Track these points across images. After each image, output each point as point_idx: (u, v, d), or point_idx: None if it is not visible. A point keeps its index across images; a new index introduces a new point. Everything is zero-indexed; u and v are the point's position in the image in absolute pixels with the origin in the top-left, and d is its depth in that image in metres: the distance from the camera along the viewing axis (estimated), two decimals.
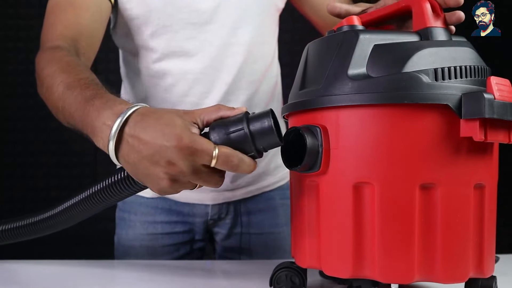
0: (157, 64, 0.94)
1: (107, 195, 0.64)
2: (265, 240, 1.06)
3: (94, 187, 0.66)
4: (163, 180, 0.56)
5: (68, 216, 0.70)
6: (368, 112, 0.54)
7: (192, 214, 1.04)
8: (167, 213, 1.04)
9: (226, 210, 1.05)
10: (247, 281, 0.77)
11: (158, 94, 0.96)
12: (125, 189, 0.63)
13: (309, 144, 0.56)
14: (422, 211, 0.53)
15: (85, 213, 0.69)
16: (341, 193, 0.56)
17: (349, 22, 0.62)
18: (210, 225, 1.06)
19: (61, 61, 0.73)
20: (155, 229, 1.03)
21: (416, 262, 0.53)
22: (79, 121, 0.62)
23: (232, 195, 1.04)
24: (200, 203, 1.03)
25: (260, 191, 1.07)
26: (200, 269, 0.89)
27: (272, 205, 1.07)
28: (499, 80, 0.54)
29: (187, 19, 0.92)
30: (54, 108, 0.69)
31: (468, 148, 0.55)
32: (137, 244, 1.04)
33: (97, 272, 0.83)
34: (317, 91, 0.59)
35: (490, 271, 0.59)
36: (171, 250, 1.04)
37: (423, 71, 0.54)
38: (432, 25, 0.60)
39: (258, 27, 0.98)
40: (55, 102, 0.68)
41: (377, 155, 0.54)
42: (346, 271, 0.56)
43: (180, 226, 1.04)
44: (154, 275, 0.83)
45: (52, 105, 0.70)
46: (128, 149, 0.56)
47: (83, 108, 0.62)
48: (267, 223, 1.07)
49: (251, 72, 0.99)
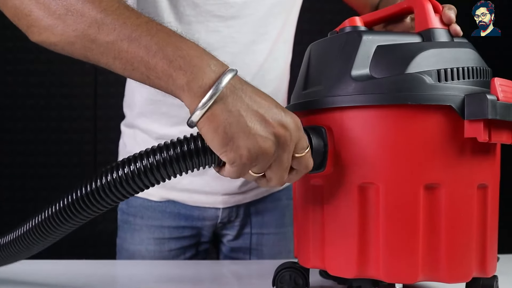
0: None
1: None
2: (271, 240, 1.06)
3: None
4: (267, 140, 0.49)
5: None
6: (372, 113, 0.55)
7: (202, 218, 1.02)
8: (174, 217, 1.01)
9: (236, 213, 1.03)
10: (252, 281, 0.77)
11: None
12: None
13: (315, 145, 0.56)
14: (426, 211, 0.54)
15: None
16: (346, 193, 0.56)
17: (352, 23, 0.62)
18: (218, 228, 1.05)
19: None
20: (163, 234, 1.01)
21: (420, 262, 0.54)
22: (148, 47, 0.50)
23: (243, 197, 1.02)
24: (211, 206, 1.01)
25: (269, 192, 1.06)
26: (207, 269, 0.89)
27: (279, 206, 1.07)
28: (503, 81, 0.55)
29: (214, 11, 0.89)
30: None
31: (471, 148, 0.55)
32: (142, 248, 1.01)
33: (100, 272, 0.83)
34: (320, 91, 0.59)
35: (492, 271, 0.59)
36: (178, 254, 1.03)
37: (426, 72, 0.54)
38: (434, 26, 0.60)
39: (283, 25, 0.97)
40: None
41: (382, 156, 0.54)
42: (351, 271, 0.56)
43: (188, 231, 1.02)
44: (160, 275, 0.83)
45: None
46: (235, 99, 0.49)
47: (167, 38, 0.51)
48: (274, 223, 1.07)
49: (272, 69, 0.97)
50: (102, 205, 0.54)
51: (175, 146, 0.52)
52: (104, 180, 0.52)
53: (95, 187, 0.53)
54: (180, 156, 0.51)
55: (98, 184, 0.53)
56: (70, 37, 0.52)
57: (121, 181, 0.52)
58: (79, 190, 0.53)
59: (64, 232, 0.58)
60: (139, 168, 0.52)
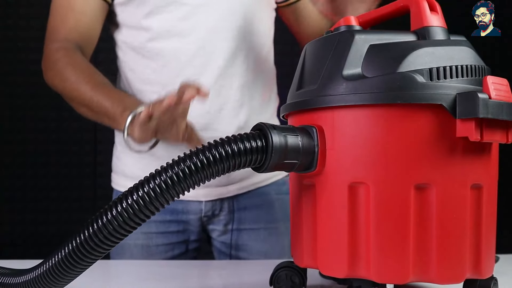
0: (150, 44, 0.97)
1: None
2: (262, 235, 1.07)
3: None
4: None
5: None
6: (363, 113, 0.54)
7: (186, 211, 1.05)
8: (160, 212, 1.04)
9: (220, 207, 1.05)
10: (244, 280, 0.77)
11: (149, 76, 1.00)
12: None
13: (305, 144, 0.56)
14: (417, 211, 0.53)
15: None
16: (337, 193, 0.56)
17: (346, 22, 0.62)
18: (204, 222, 1.07)
19: (81, 65, 0.95)
20: (149, 228, 1.04)
21: (411, 262, 0.53)
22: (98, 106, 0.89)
23: (226, 190, 1.05)
24: (194, 199, 1.04)
25: (254, 186, 1.07)
26: (195, 269, 0.90)
27: (267, 200, 1.08)
28: (496, 79, 0.54)
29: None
30: (72, 97, 0.94)
31: (464, 148, 0.54)
32: (131, 243, 1.04)
33: (92, 272, 0.83)
34: (313, 91, 0.59)
35: (488, 272, 0.59)
36: (166, 250, 1.05)
37: (418, 71, 0.54)
38: (430, 24, 0.59)
39: (252, 16, 1.00)
40: (80, 95, 0.92)
41: (372, 156, 0.54)
42: (341, 271, 0.56)
43: (174, 225, 1.05)
44: (149, 274, 0.83)
45: (70, 95, 0.94)
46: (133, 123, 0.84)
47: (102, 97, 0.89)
48: (263, 218, 1.07)
49: (245, 59, 1.01)
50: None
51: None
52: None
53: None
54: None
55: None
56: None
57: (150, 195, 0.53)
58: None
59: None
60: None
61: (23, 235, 2.45)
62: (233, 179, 1.04)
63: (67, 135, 2.46)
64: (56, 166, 2.47)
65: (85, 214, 2.38)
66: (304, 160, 0.56)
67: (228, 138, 0.54)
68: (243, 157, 0.53)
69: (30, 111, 2.45)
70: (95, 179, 2.44)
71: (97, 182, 2.43)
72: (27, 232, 2.46)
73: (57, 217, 2.45)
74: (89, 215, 0.56)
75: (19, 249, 2.43)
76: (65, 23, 0.98)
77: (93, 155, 2.44)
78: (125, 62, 1.04)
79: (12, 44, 2.46)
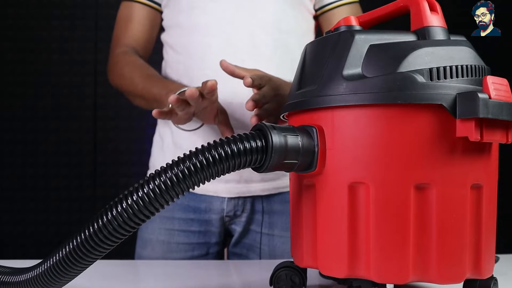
0: (182, 39, 1.08)
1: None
2: (274, 242, 1.08)
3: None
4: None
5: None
6: (363, 113, 0.54)
7: (209, 210, 1.07)
8: (184, 210, 1.07)
9: (242, 207, 1.07)
10: (244, 280, 0.77)
11: (181, 72, 1.09)
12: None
13: (305, 144, 0.56)
14: (417, 211, 0.53)
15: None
16: (337, 193, 0.56)
17: (347, 22, 0.62)
18: (226, 223, 1.08)
19: (135, 63, 1.08)
20: (172, 225, 1.08)
21: (411, 262, 0.53)
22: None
23: (247, 189, 1.05)
24: (216, 195, 1.06)
25: (276, 190, 1.08)
26: (195, 269, 0.90)
27: (286, 208, 1.07)
28: (496, 79, 0.54)
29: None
30: (129, 91, 1.07)
31: (464, 148, 0.54)
32: (154, 238, 1.09)
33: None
34: (313, 91, 0.59)
35: (488, 272, 0.59)
36: (186, 249, 1.07)
37: (418, 71, 0.54)
38: (430, 24, 0.59)
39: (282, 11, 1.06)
40: (134, 88, 1.04)
41: (372, 156, 0.54)
42: (341, 271, 0.56)
43: (196, 225, 1.07)
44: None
45: (127, 89, 1.08)
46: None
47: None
48: (279, 225, 1.08)
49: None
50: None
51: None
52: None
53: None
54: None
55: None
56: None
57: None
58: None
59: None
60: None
61: (23, 235, 2.45)
62: (254, 178, 1.05)
63: (67, 135, 2.46)
64: (56, 166, 2.47)
65: (85, 214, 2.39)
66: (304, 160, 0.57)
67: (228, 139, 0.54)
68: (243, 157, 0.54)
69: (30, 111, 2.45)
70: (95, 179, 2.44)
71: (97, 182, 2.43)
72: (27, 232, 2.46)
73: (57, 217, 2.45)
74: (89, 215, 0.56)
75: (19, 249, 2.43)
76: (125, 32, 1.14)
77: (93, 155, 2.45)
78: (166, 61, 1.14)
79: (13, 44, 2.46)
